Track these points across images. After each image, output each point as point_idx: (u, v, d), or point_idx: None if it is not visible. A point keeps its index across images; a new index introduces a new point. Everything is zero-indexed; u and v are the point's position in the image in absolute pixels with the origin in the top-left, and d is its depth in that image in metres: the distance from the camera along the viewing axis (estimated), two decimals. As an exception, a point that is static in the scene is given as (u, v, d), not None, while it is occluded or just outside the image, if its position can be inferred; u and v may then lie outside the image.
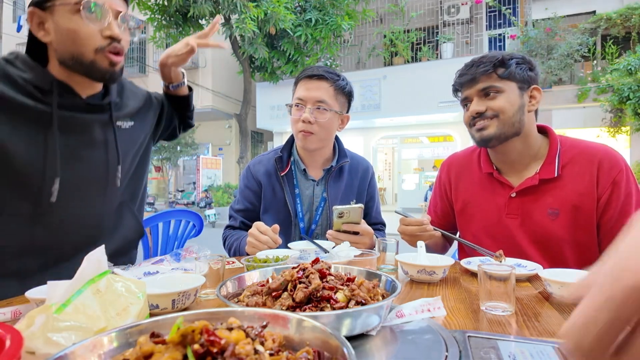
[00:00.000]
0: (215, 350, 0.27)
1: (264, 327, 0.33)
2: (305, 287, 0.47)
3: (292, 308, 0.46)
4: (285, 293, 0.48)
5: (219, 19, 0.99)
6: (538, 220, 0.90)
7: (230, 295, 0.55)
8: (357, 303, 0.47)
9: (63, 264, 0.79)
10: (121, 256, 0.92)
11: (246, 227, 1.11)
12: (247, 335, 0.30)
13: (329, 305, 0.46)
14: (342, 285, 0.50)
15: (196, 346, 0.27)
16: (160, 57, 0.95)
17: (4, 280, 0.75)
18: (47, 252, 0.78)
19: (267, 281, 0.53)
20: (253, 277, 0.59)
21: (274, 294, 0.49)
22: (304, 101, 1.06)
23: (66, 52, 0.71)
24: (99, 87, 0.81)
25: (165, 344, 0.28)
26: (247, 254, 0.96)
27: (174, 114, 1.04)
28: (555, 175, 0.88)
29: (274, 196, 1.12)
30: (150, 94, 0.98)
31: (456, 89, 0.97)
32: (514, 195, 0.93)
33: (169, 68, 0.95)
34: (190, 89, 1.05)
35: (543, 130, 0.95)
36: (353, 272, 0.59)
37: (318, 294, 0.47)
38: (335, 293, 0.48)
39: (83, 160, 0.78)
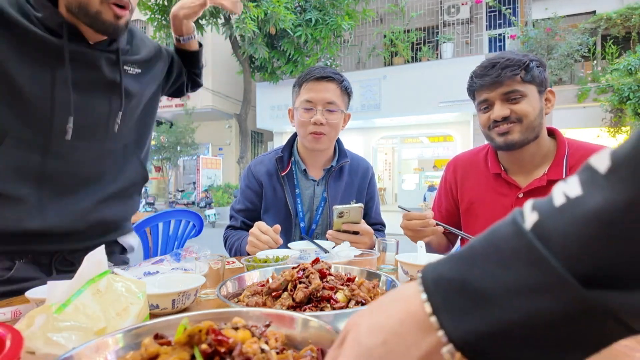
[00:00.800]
0: (223, 350, 0.27)
1: (267, 326, 0.33)
2: (305, 287, 0.47)
3: (292, 308, 0.46)
4: (285, 293, 0.49)
5: None
6: None
7: (230, 295, 0.55)
8: (357, 303, 0.47)
9: (65, 199, 0.78)
10: (125, 198, 0.91)
11: (247, 227, 1.11)
12: (253, 335, 0.30)
13: (329, 305, 0.46)
14: (342, 285, 0.50)
15: (204, 346, 0.27)
16: (173, 9, 0.95)
17: (10, 207, 0.72)
18: (49, 182, 0.76)
19: (267, 281, 0.53)
20: (253, 277, 0.59)
21: (274, 294, 0.49)
22: (314, 103, 1.06)
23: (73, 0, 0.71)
24: (102, 37, 0.81)
25: (170, 345, 0.28)
26: (248, 254, 0.96)
27: (183, 69, 1.04)
28: (563, 176, 0.89)
29: (274, 196, 1.12)
30: (161, 45, 0.99)
31: (472, 91, 0.96)
32: (521, 195, 0.93)
33: (180, 20, 0.95)
34: (200, 44, 1.05)
35: (550, 132, 0.96)
36: (353, 272, 0.59)
37: (318, 294, 0.47)
38: (335, 293, 0.48)
39: (89, 97, 0.78)
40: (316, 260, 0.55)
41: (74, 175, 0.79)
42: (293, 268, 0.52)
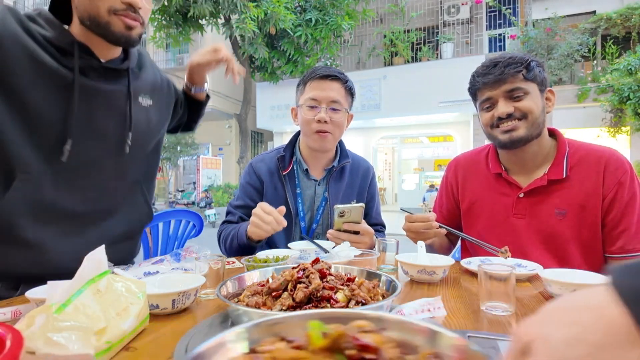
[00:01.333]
0: (369, 356, 0.26)
1: (383, 329, 0.30)
2: (306, 287, 0.47)
3: (292, 308, 0.46)
4: (285, 293, 0.49)
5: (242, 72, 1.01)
6: (545, 220, 0.90)
7: (230, 295, 0.55)
8: (357, 303, 0.47)
9: (72, 239, 0.77)
10: (130, 239, 0.91)
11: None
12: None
13: (329, 305, 0.46)
14: (342, 285, 0.50)
15: (352, 351, 0.26)
16: (191, 57, 0.97)
17: (19, 249, 0.72)
18: (57, 220, 0.75)
19: (267, 281, 0.53)
20: (253, 277, 0.59)
21: (274, 294, 0.49)
22: (319, 101, 1.06)
23: (84, 11, 0.72)
24: (117, 51, 0.81)
25: (300, 348, 0.27)
26: (248, 239, 0.94)
27: (185, 111, 1.06)
28: (564, 176, 0.89)
29: (275, 195, 1.12)
30: (170, 81, 0.99)
31: (474, 90, 0.95)
32: (521, 195, 0.93)
33: (195, 68, 0.97)
34: (207, 96, 1.07)
35: (551, 133, 0.96)
36: (353, 272, 0.59)
37: (318, 294, 0.47)
38: (335, 293, 0.48)
39: (98, 127, 0.78)
40: (316, 260, 0.55)
41: (82, 213, 0.78)
42: (293, 268, 0.52)
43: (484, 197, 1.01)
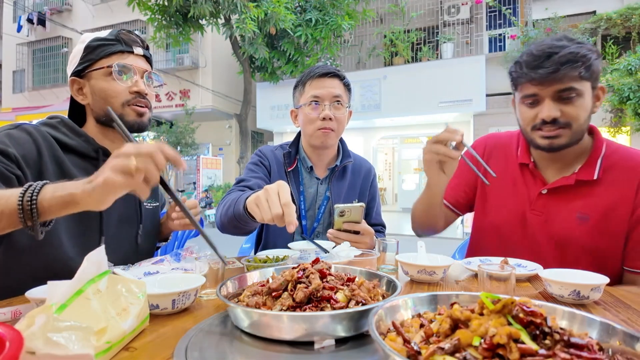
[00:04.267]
0: (538, 320, 0.31)
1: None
2: (306, 287, 0.47)
3: (291, 308, 0.46)
4: (286, 293, 0.48)
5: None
6: (564, 222, 0.84)
7: (231, 295, 0.55)
8: (358, 303, 0.47)
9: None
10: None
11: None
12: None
13: (329, 305, 0.46)
14: (342, 285, 0.50)
15: (521, 314, 0.31)
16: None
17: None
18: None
19: (267, 281, 0.53)
20: (253, 277, 0.59)
21: (274, 294, 0.49)
22: (321, 99, 1.06)
23: (100, 110, 0.81)
24: None
25: (473, 312, 0.34)
26: (246, 211, 0.75)
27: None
28: (595, 178, 0.81)
29: None
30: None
31: (518, 80, 0.82)
32: (544, 191, 0.87)
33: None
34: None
35: (589, 130, 0.87)
36: (354, 273, 0.59)
37: (318, 294, 0.47)
38: (335, 293, 0.48)
39: (118, 230, 0.85)
40: (316, 261, 0.55)
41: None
42: (293, 268, 0.52)
43: (505, 185, 0.93)
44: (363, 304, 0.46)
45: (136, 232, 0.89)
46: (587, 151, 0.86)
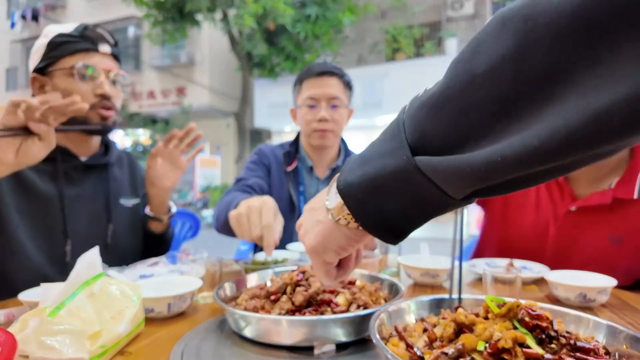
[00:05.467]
0: (544, 324, 0.31)
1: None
2: (305, 290, 0.46)
3: (291, 312, 0.45)
4: (285, 296, 0.47)
5: None
6: (594, 244, 0.76)
7: (228, 298, 0.53)
8: (359, 307, 0.45)
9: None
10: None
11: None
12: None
13: (329, 309, 0.45)
14: (343, 288, 0.49)
15: (527, 318, 0.31)
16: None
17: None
18: None
19: (266, 284, 0.52)
20: (252, 280, 0.58)
21: (272, 297, 0.48)
22: (317, 99, 1.04)
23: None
24: (95, 146, 0.86)
25: (478, 316, 0.34)
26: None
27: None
28: (635, 197, 0.71)
29: (280, 190, 1.10)
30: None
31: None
32: (573, 209, 0.77)
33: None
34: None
35: None
36: (354, 276, 0.57)
37: (318, 297, 0.46)
38: (335, 296, 0.47)
39: (86, 230, 0.82)
40: None
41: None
42: (292, 271, 0.51)
43: (528, 198, 0.83)
44: (364, 308, 0.45)
45: (105, 232, 0.84)
46: (624, 164, 0.75)
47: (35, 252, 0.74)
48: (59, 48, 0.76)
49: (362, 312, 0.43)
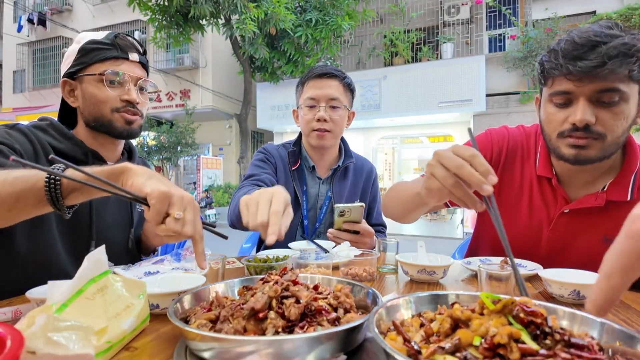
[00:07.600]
0: (538, 320, 0.31)
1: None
2: (296, 302, 0.42)
3: (286, 328, 0.39)
4: (272, 312, 0.41)
5: None
6: (588, 245, 0.74)
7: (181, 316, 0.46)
8: (346, 311, 0.44)
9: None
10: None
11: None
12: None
13: (324, 318, 0.41)
14: (318, 293, 0.45)
15: (521, 314, 0.31)
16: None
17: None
18: None
19: (212, 303, 0.46)
20: (210, 293, 0.50)
21: (261, 315, 0.40)
22: (317, 100, 1.06)
23: (90, 115, 0.80)
24: (120, 150, 0.89)
25: (473, 312, 0.34)
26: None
27: None
28: (629, 199, 0.69)
29: (286, 186, 1.09)
30: None
31: (549, 72, 0.66)
32: (566, 211, 0.75)
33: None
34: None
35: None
36: (313, 280, 0.53)
37: (312, 308, 0.42)
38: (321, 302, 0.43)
39: (110, 233, 0.84)
40: (284, 270, 0.49)
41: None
42: (264, 281, 0.45)
43: (521, 199, 0.80)
44: (347, 310, 0.44)
45: (127, 236, 0.87)
46: (617, 165, 0.72)
47: (62, 249, 0.76)
48: (89, 54, 0.78)
49: (364, 318, 0.40)
